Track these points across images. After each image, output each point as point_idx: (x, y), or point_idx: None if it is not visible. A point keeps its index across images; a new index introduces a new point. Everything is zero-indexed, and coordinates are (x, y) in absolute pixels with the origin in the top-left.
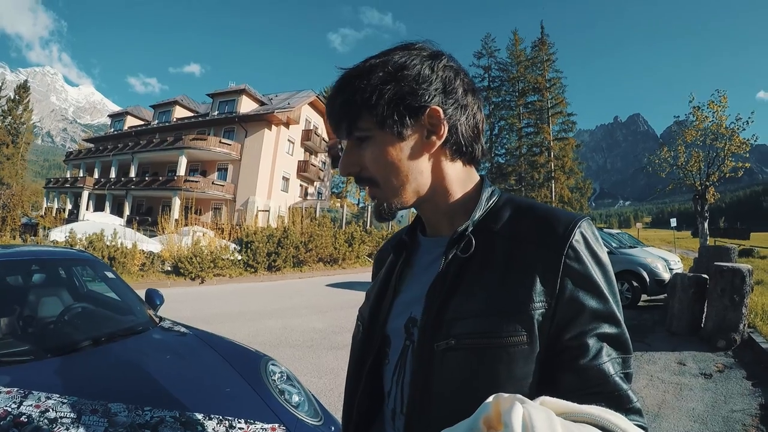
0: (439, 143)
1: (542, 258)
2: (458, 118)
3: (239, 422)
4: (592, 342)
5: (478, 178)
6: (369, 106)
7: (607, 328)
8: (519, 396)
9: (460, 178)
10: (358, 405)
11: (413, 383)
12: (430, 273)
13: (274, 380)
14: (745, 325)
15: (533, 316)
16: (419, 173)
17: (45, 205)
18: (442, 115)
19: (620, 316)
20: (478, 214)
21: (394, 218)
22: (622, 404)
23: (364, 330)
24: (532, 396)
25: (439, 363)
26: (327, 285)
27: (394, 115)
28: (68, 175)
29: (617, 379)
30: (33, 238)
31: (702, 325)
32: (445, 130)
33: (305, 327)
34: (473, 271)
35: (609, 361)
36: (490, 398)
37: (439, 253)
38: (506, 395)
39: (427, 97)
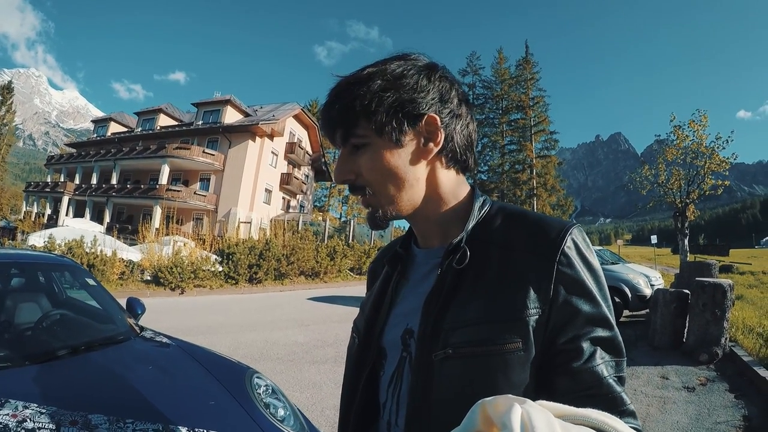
0: (436, 150)
1: (535, 265)
2: (454, 126)
3: None
4: (585, 345)
5: (469, 188)
6: (368, 112)
7: (600, 332)
8: (518, 397)
9: (453, 187)
10: (355, 417)
11: (411, 394)
12: (426, 284)
13: (260, 393)
14: (726, 339)
15: (528, 323)
16: (416, 180)
17: (24, 209)
18: (439, 123)
19: (612, 320)
20: (471, 224)
21: (387, 226)
22: (617, 406)
23: (360, 342)
24: None
25: (438, 373)
26: (308, 298)
27: (393, 121)
28: (49, 180)
29: (611, 381)
30: (11, 242)
31: (684, 340)
32: (441, 138)
33: (287, 340)
34: (468, 281)
35: (602, 364)
36: (477, 405)
37: (434, 264)
38: (502, 397)
39: (424, 106)
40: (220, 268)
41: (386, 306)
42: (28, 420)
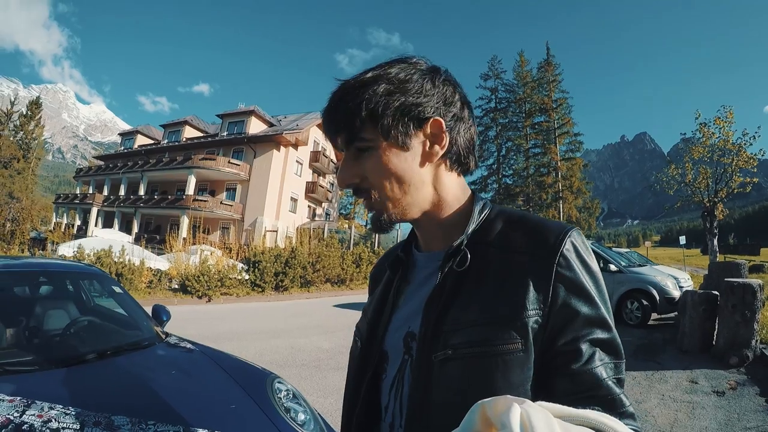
0: (441, 153)
1: (535, 267)
2: (457, 129)
3: None
4: (584, 347)
5: (470, 191)
6: (375, 116)
7: (599, 334)
8: (517, 397)
9: (456, 189)
10: (357, 420)
11: (412, 395)
12: (427, 287)
13: (280, 398)
14: (757, 341)
15: (527, 324)
16: (421, 183)
17: (54, 220)
18: (444, 126)
19: (611, 322)
20: (471, 227)
21: (391, 230)
22: (616, 408)
23: (363, 346)
24: None
25: (438, 374)
26: (334, 305)
27: (400, 125)
28: (78, 192)
29: (610, 383)
30: (41, 252)
31: (714, 343)
32: (446, 140)
33: (312, 347)
34: (469, 284)
35: (601, 366)
36: (476, 405)
37: (434, 267)
38: (501, 398)
39: (430, 109)
40: (247, 276)
41: (388, 310)
42: (53, 420)
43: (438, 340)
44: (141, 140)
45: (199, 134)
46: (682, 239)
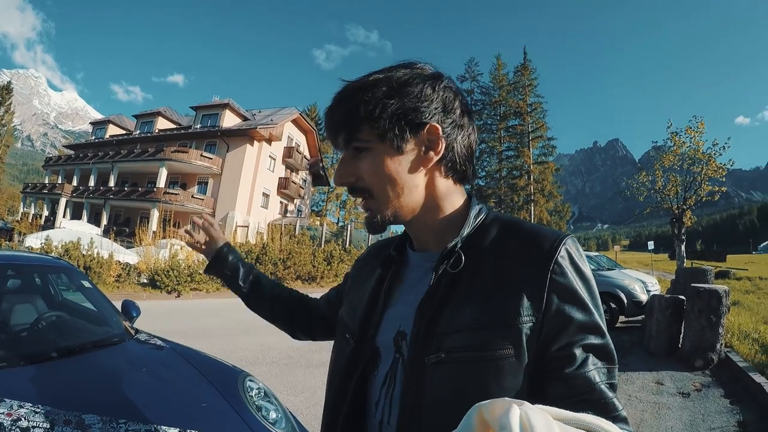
0: (436, 159)
1: (529, 274)
2: (455, 136)
3: None
4: (578, 352)
5: (466, 196)
6: (372, 118)
7: (592, 339)
8: (515, 399)
9: (451, 195)
10: (344, 415)
11: (404, 396)
12: (420, 288)
13: (251, 396)
14: (722, 344)
15: (521, 330)
16: (414, 187)
17: (21, 210)
18: (441, 132)
19: (604, 327)
20: (466, 230)
21: (385, 231)
22: (609, 412)
23: (354, 343)
24: None
25: (430, 376)
26: None
27: (396, 128)
28: (47, 181)
29: (603, 387)
30: (8, 243)
31: (680, 346)
32: (442, 147)
33: (282, 344)
34: (462, 287)
35: (595, 370)
36: (473, 408)
37: (428, 267)
38: (499, 400)
39: (427, 115)
40: None
41: (380, 307)
42: (23, 419)
43: (431, 341)
44: (113, 130)
45: (172, 126)
46: (651, 244)
